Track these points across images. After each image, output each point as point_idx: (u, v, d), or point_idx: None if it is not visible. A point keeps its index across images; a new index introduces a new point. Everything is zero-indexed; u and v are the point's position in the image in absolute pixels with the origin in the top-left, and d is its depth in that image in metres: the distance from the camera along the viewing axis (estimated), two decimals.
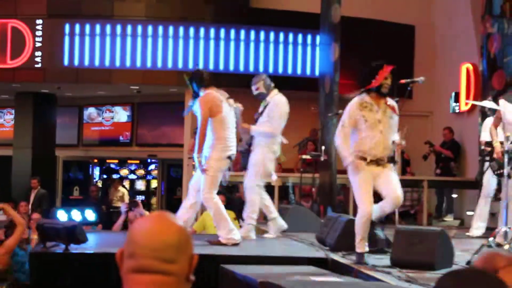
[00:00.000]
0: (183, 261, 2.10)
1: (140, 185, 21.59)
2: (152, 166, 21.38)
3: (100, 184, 20.79)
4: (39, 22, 16.71)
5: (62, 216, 12.37)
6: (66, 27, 16.70)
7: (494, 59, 13.39)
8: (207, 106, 8.34)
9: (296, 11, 16.78)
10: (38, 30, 16.71)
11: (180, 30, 16.72)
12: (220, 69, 16.67)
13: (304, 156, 12.56)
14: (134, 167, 21.52)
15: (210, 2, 17.26)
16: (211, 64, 16.67)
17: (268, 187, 13.84)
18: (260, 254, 7.76)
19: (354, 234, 7.37)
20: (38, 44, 16.70)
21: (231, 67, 16.70)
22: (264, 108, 9.46)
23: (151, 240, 2.07)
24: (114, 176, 20.96)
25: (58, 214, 12.54)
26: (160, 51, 16.70)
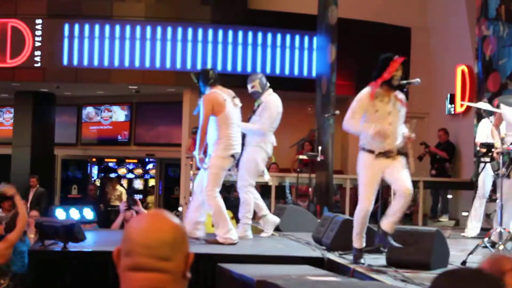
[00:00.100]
0: (179, 258, 2.09)
1: (138, 184, 21.58)
2: (150, 166, 21.38)
3: (98, 183, 20.78)
4: (38, 22, 16.69)
5: (60, 214, 12.36)
6: (66, 27, 16.68)
7: (490, 61, 13.39)
8: (209, 104, 8.36)
9: (293, 12, 16.77)
10: (37, 29, 16.69)
11: (179, 30, 16.71)
12: (218, 69, 16.61)
13: (301, 156, 12.54)
14: (132, 166, 21.52)
15: (209, 3, 17.25)
16: (209, 64, 16.65)
17: (265, 187, 13.91)
18: (257, 254, 7.75)
19: (350, 234, 7.36)
20: (38, 44, 16.68)
21: (229, 68, 16.68)
22: (257, 107, 9.46)
23: (146, 238, 2.07)
24: (111, 175, 20.93)
25: (57, 212, 12.54)
26: (158, 51, 16.68)
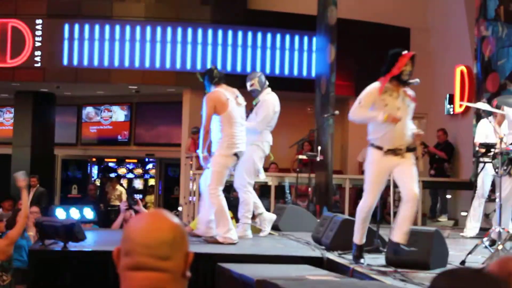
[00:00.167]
0: (179, 258, 2.09)
1: (138, 184, 21.58)
2: (150, 165, 21.37)
3: (98, 183, 20.78)
4: (39, 22, 16.69)
5: (60, 214, 12.36)
6: (66, 27, 16.68)
7: (488, 62, 13.37)
8: (212, 103, 8.38)
9: (293, 13, 16.78)
10: (38, 30, 16.69)
11: (179, 31, 16.71)
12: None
13: (301, 156, 12.53)
14: (132, 166, 21.52)
15: (208, 4, 17.25)
16: (209, 64, 16.64)
17: (264, 187, 13.91)
18: (257, 253, 7.75)
19: (350, 234, 7.35)
20: (38, 44, 16.68)
21: (228, 68, 16.66)
22: (255, 106, 9.47)
23: (146, 238, 2.06)
24: (111, 175, 20.92)
25: (57, 212, 12.53)
26: (158, 51, 16.69)
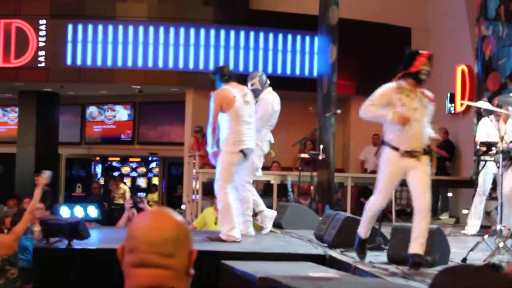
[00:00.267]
0: (182, 255, 2.09)
1: (141, 182, 21.59)
2: (153, 164, 21.38)
3: (102, 182, 20.79)
4: (42, 22, 16.71)
5: (65, 212, 12.37)
6: (69, 28, 16.69)
7: (489, 61, 13.37)
8: (218, 101, 8.42)
9: (294, 13, 16.78)
10: (41, 30, 16.70)
11: (181, 31, 16.71)
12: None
13: (303, 155, 12.54)
14: (136, 165, 21.52)
15: (211, 4, 17.26)
16: (211, 64, 16.66)
17: (267, 185, 13.92)
18: (260, 251, 7.74)
19: (352, 232, 7.35)
20: (42, 44, 16.69)
21: (231, 67, 16.61)
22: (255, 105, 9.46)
23: (150, 235, 2.07)
24: (115, 173, 20.94)
25: (61, 210, 12.54)
26: (161, 51, 16.70)
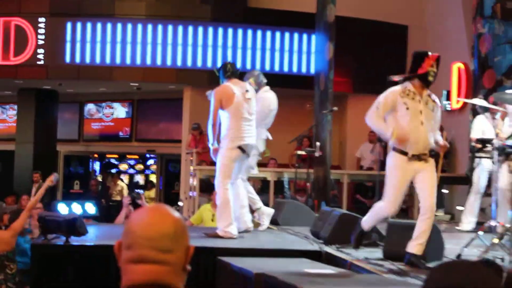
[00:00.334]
0: (180, 251, 2.10)
1: (139, 179, 21.59)
2: (151, 161, 21.37)
3: (100, 179, 20.79)
4: (41, 20, 16.69)
5: (63, 209, 12.34)
6: (68, 25, 16.68)
7: (485, 58, 13.37)
8: (218, 97, 8.43)
9: (292, 11, 16.77)
10: (40, 28, 16.69)
11: (179, 29, 16.70)
12: (218, 67, 16.63)
13: (299, 152, 12.54)
14: (134, 162, 21.52)
15: (209, 2, 17.24)
16: (209, 62, 16.67)
17: (264, 182, 13.91)
18: (256, 247, 7.75)
19: (347, 228, 7.36)
20: (41, 42, 16.69)
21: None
22: None
23: (148, 231, 2.07)
24: (112, 170, 20.94)
25: (59, 207, 12.51)
26: (159, 49, 16.68)
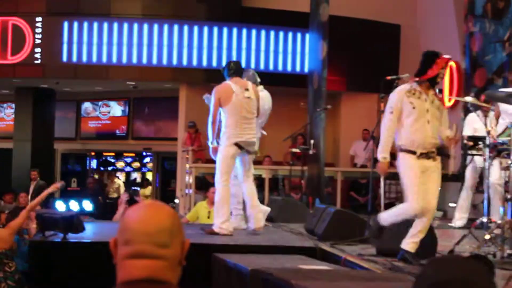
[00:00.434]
0: (176, 245, 2.10)
1: (135, 177, 21.57)
2: (147, 159, 21.36)
3: (97, 176, 20.77)
4: (38, 19, 16.66)
5: (60, 206, 12.38)
6: (65, 25, 16.65)
7: (476, 57, 13.40)
8: (217, 95, 8.48)
9: (286, 10, 16.76)
10: (37, 27, 16.66)
11: (175, 28, 16.69)
12: (213, 65, 16.66)
13: (294, 149, 12.55)
14: (130, 159, 21.50)
15: (204, 2, 17.23)
16: (204, 61, 16.67)
17: (259, 179, 13.91)
18: (252, 244, 7.75)
19: (341, 225, 7.37)
20: (38, 41, 16.66)
21: (223, 64, 16.59)
22: None
23: (145, 226, 2.07)
24: (108, 168, 20.93)
25: (57, 204, 12.56)
26: (155, 48, 16.67)
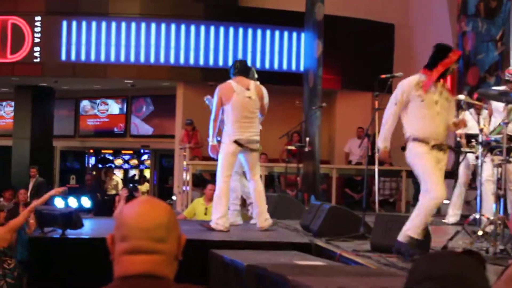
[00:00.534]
0: (173, 240, 2.11)
1: (134, 174, 21.56)
2: (145, 156, 21.34)
3: (94, 173, 20.74)
4: (37, 19, 16.64)
5: (59, 203, 12.33)
6: (64, 24, 16.63)
7: (469, 56, 13.41)
8: (218, 94, 8.51)
9: (282, 10, 16.76)
10: (37, 26, 16.64)
11: (172, 27, 16.68)
12: (210, 64, 16.66)
13: (289, 147, 12.55)
14: (128, 157, 21.48)
15: (201, 1, 17.22)
16: (201, 60, 16.66)
17: None
18: (248, 240, 7.75)
19: (336, 221, 7.36)
20: (37, 40, 16.64)
21: (220, 63, 16.66)
22: None
23: (143, 221, 2.07)
24: (106, 165, 20.91)
25: (56, 201, 12.50)
26: (153, 47, 16.66)
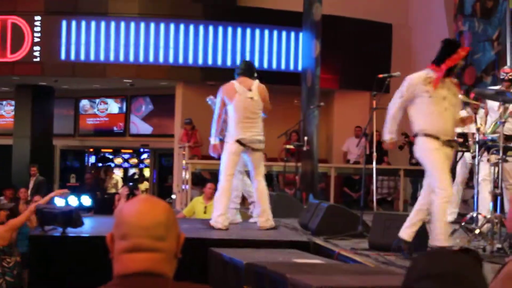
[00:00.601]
0: (172, 238, 2.11)
1: (133, 172, 21.55)
2: (144, 155, 21.33)
3: (93, 171, 20.72)
4: (37, 18, 16.62)
5: (59, 201, 12.34)
6: (63, 24, 16.62)
7: (466, 56, 13.40)
8: (221, 95, 8.58)
9: (280, 9, 16.76)
10: (36, 26, 16.62)
11: (171, 26, 16.66)
12: (209, 64, 16.65)
13: (288, 146, 12.56)
14: (128, 156, 21.47)
15: (199, 1, 17.21)
16: (200, 59, 16.65)
17: None
18: (247, 238, 7.76)
19: (334, 220, 7.36)
20: (37, 39, 16.61)
21: (219, 62, 16.66)
22: None
23: (142, 220, 2.07)
24: (107, 164, 20.89)
25: (56, 199, 12.51)
26: (152, 46, 16.64)
